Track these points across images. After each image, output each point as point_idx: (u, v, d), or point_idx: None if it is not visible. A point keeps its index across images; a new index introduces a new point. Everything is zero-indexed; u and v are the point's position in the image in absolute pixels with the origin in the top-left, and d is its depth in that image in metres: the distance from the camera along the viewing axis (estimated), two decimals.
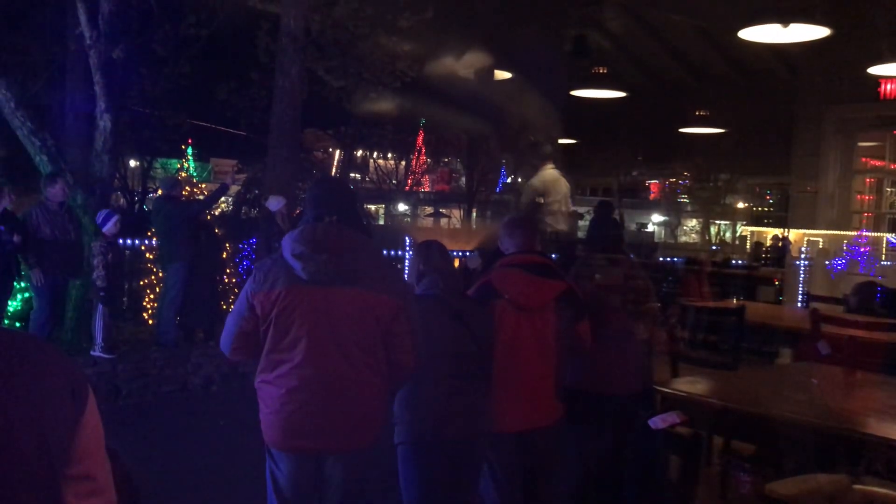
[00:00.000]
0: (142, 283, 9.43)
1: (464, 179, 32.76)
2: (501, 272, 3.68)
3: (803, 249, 12.08)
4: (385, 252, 10.32)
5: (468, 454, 3.44)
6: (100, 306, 7.56)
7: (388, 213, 35.35)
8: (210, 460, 5.37)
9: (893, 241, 13.21)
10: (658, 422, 3.48)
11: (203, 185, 11.59)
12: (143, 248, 9.43)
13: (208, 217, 9.14)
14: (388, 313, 3.00)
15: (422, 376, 3.24)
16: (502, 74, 13.61)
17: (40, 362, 1.40)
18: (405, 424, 3.40)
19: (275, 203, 8.70)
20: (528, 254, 3.77)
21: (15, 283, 7.79)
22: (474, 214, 27.63)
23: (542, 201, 9.76)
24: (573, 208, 10.77)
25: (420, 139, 32.55)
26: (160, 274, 8.86)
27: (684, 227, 33.33)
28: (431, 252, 3.56)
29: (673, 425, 3.45)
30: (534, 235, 3.92)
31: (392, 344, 3.04)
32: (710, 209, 27.59)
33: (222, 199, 12.55)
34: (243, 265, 9.89)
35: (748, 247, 19.65)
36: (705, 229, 29.20)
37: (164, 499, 4.48)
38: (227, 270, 9.61)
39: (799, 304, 10.68)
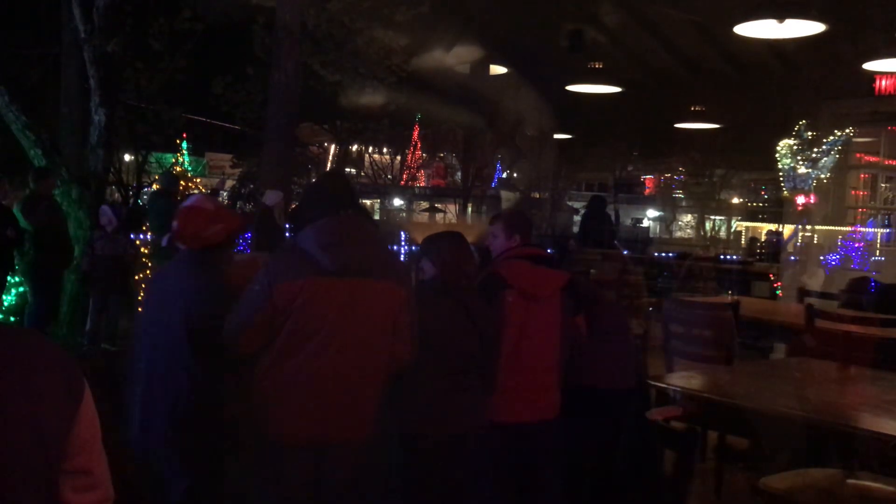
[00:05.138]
0: (137, 277, 9.41)
1: (459, 174, 32.74)
2: (508, 263, 3.74)
3: (798, 245, 12.10)
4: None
5: (469, 447, 3.45)
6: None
7: (383, 208, 35.30)
8: None
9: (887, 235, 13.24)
10: (655, 413, 3.50)
11: (198, 180, 11.57)
12: (137, 242, 9.40)
13: None
14: (397, 304, 3.02)
15: (424, 370, 3.26)
16: (498, 69, 13.60)
17: (36, 357, 1.40)
18: (407, 418, 3.40)
19: (272, 198, 8.68)
20: (531, 246, 3.88)
21: (10, 278, 7.77)
22: (469, 209, 27.64)
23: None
24: (569, 203, 10.80)
25: (416, 134, 32.50)
26: (156, 269, 8.85)
27: (679, 223, 33.40)
28: (440, 248, 3.51)
29: (670, 416, 3.46)
30: (531, 229, 4.04)
31: (395, 334, 3.05)
32: (706, 204, 27.66)
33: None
34: None
35: (743, 242, 19.70)
36: (700, 225, 29.27)
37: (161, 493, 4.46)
38: None
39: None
